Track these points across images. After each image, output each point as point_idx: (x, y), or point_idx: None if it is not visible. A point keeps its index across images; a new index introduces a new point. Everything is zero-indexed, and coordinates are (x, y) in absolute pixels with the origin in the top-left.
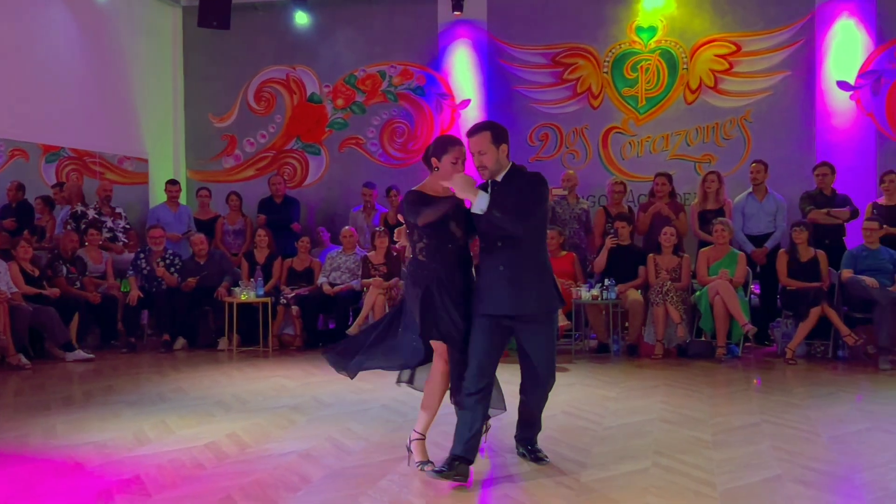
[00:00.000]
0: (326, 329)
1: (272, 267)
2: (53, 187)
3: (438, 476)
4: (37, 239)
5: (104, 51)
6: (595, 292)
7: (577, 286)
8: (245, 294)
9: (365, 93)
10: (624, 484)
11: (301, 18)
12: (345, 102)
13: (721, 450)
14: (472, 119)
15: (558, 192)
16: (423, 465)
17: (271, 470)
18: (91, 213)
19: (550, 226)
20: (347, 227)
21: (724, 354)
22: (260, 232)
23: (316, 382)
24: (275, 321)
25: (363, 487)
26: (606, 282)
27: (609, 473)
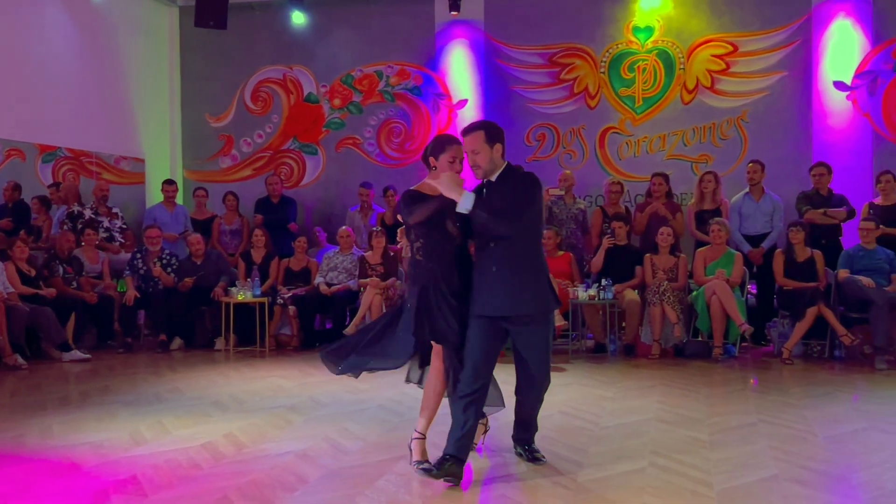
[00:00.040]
0: (323, 329)
1: (269, 267)
2: (50, 187)
3: (427, 475)
4: (33, 239)
5: (101, 50)
6: (592, 292)
7: (574, 286)
8: (242, 294)
9: (362, 93)
10: (620, 484)
11: (298, 18)
12: (342, 102)
13: (718, 449)
14: (469, 119)
15: (555, 192)
16: (419, 465)
17: (268, 470)
18: (87, 213)
19: (547, 226)
20: (344, 227)
21: (721, 354)
22: (257, 232)
23: (313, 382)
24: (271, 321)
25: (360, 487)
26: (603, 282)
27: (606, 473)
